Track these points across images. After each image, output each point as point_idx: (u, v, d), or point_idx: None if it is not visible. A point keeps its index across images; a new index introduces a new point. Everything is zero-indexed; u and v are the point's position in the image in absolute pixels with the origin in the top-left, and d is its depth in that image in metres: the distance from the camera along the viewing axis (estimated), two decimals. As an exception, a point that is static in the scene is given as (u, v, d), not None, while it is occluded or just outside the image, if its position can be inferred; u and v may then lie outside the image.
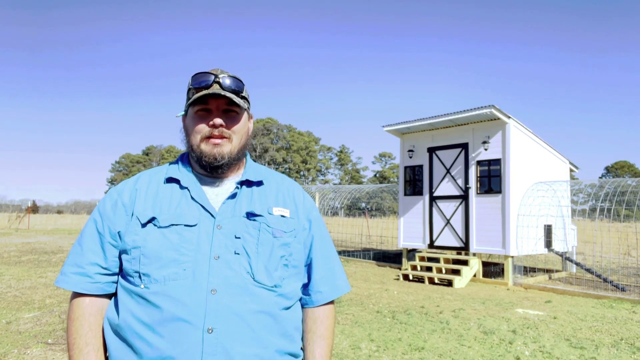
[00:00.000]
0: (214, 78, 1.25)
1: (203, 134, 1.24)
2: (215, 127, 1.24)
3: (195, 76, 1.27)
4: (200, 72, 1.27)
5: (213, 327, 1.10)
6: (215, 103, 1.25)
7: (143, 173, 1.34)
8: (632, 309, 6.94)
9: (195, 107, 1.26)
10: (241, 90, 1.29)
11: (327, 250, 1.37)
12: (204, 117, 1.25)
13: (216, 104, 1.25)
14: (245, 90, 1.31)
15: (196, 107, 1.26)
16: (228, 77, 1.26)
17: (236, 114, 1.28)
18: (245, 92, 1.32)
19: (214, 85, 1.24)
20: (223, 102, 1.25)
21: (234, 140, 1.27)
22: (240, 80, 1.29)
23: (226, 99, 1.25)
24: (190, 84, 1.27)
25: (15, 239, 17.56)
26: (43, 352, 4.25)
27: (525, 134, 10.02)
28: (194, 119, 1.26)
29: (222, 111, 1.26)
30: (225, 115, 1.26)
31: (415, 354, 4.41)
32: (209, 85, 1.24)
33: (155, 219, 1.20)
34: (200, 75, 1.26)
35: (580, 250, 13.11)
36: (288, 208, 1.31)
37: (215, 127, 1.24)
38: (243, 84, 1.30)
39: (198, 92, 1.24)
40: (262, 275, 1.19)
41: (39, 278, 8.42)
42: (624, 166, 68.98)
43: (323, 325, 1.32)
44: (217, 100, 1.25)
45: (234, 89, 1.26)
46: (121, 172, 77.60)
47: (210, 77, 1.25)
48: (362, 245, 18.30)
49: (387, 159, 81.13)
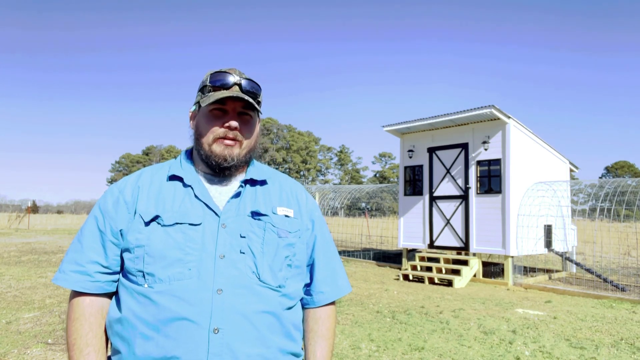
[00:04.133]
0: (234, 80, 1.23)
1: (217, 134, 1.23)
2: (230, 129, 1.22)
3: (213, 74, 1.24)
4: (219, 71, 1.25)
5: (219, 327, 1.09)
6: (232, 105, 1.23)
7: (145, 170, 1.31)
8: (632, 309, 6.94)
9: (210, 105, 1.24)
10: (258, 94, 1.28)
11: (329, 251, 1.37)
12: (219, 117, 1.24)
13: (233, 106, 1.23)
14: (261, 95, 1.30)
15: (212, 106, 1.23)
16: (247, 80, 1.25)
17: (250, 117, 1.27)
18: (261, 96, 1.31)
19: (234, 87, 1.23)
20: (240, 104, 1.24)
21: (245, 143, 1.26)
22: (258, 84, 1.28)
23: (244, 101, 1.23)
24: (207, 81, 1.25)
25: (15, 239, 17.55)
26: (43, 352, 4.25)
27: (525, 134, 10.02)
28: (208, 117, 1.24)
29: (237, 113, 1.24)
30: (240, 118, 1.25)
31: (415, 354, 4.41)
32: (228, 87, 1.22)
33: (159, 217, 1.18)
34: (219, 74, 1.24)
35: (580, 250, 13.12)
36: (292, 208, 1.30)
37: (231, 129, 1.23)
38: (260, 88, 1.29)
39: (216, 91, 1.22)
40: (267, 275, 1.18)
41: (39, 278, 8.42)
42: (624, 166, 68.98)
43: (324, 325, 1.31)
44: (235, 102, 1.23)
45: (252, 93, 1.25)
46: (121, 172, 77.58)
47: (230, 78, 1.23)
48: (362, 245, 18.29)
49: (387, 159, 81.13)
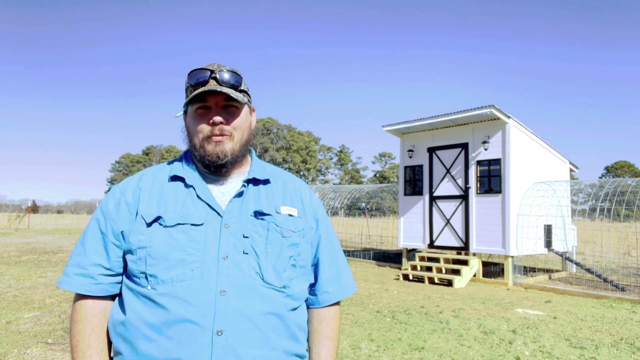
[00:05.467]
0: (210, 74, 1.20)
1: (204, 133, 1.21)
2: (215, 125, 1.20)
3: (191, 73, 1.22)
4: (196, 69, 1.22)
5: (223, 329, 1.08)
6: (214, 99, 1.21)
7: (146, 171, 1.29)
8: (632, 309, 6.94)
9: (194, 105, 1.22)
10: (239, 83, 1.24)
11: (334, 251, 1.35)
12: (204, 115, 1.21)
13: (215, 101, 1.21)
14: (244, 83, 1.27)
15: (195, 105, 1.22)
16: (225, 71, 1.21)
17: (236, 108, 1.24)
18: (244, 85, 1.27)
19: (211, 81, 1.20)
20: (221, 98, 1.21)
21: (236, 136, 1.23)
22: (237, 73, 1.25)
23: (224, 94, 1.20)
24: (187, 82, 1.23)
25: (15, 239, 17.55)
26: (43, 352, 4.25)
27: (525, 134, 10.02)
28: (194, 118, 1.23)
29: (221, 107, 1.21)
30: (225, 111, 1.22)
31: (415, 354, 4.41)
32: (205, 82, 1.20)
33: (160, 218, 1.16)
34: (196, 72, 1.22)
35: (580, 250, 13.12)
36: (296, 207, 1.28)
37: (215, 125, 1.20)
38: (241, 77, 1.25)
39: (195, 90, 1.20)
40: (271, 275, 1.16)
41: (39, 278, 8.41)
42: (624, 166, 68.97)
43: (329, 325, 1.30)
44: (215, 96, 1.20)
45: (232, 84, 1.22)
46: (121, 172, 77.57)
47: (206, 73, 1.20)
48: (362, 245, 18.29)
49: (387, 158, 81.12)
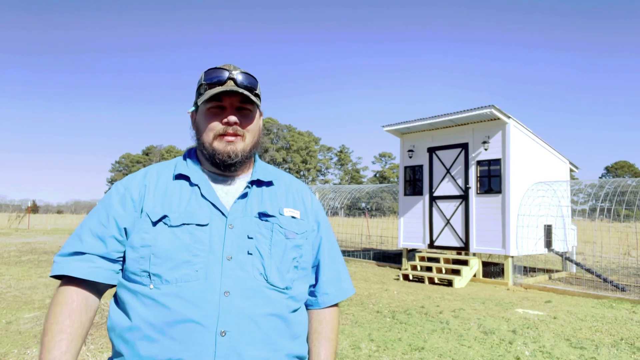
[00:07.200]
0: (228, 74, 1.21)
1: (216, 131, 1.21)
2: (229, 124, 1.20)
3: (208, 72, 1.23)
4: (213, 68, 1.23)
5: (226, 330, 1.08)
6: (229, 100, 1.21)
7: (150, 168, 1.28)
8: (632, 309, 6.94)
9: (207, 103, 1.22)
10: (255, 87, 1.25)
11: (334, 253, 1.36)
12: (217, 114, 1.22)
13: (230, 101, 1.21)
14: (258, 87, 1.27)
15: (209, 103, 1.22)
16: (242, 73, 1.23)
17: (249, 111, 1.25)
18: (259, 89, 1.28)
19: (229, 81, 1.21)
20: (237, 99, 1.22)
21: (247, 138, 1.24)
22: (253, 77, 1.25)
23: (240, 96, 1.21)
24: (202, 80, 1.23)
25: (15, 239, 17.55)
26: (43, 352, 4.25)
27: (525, 134, 10.02)
28: (206, 115, 1.22)
29: (235, 108, 1.22)
30: (239, 112, 1.23)
31: (415, 354, 4.41)
32: (223, 82, 1.20)
33: (166, 217, 1.15)
34: (213, 71, 1.22)
35: (580, 250, 13.12)
36: (298, 209, 1.29)
37: (230, 125, 1.20)
38: (257, 81, 1.26)
39: (211, 88, 1.20)
40: (275, 277, 1.17)
41: (39, 278, 8.42)
42: (624, 166, 68.99)
43: (328, 326, 1.31)
44: (231, 97, 1.21)
45: (248, 86, 1.22)
46: (121, 172, 77.57)
47: (224, 74, 1.21)
48: (362, 245, 18.29)
49: (387, 159, 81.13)
